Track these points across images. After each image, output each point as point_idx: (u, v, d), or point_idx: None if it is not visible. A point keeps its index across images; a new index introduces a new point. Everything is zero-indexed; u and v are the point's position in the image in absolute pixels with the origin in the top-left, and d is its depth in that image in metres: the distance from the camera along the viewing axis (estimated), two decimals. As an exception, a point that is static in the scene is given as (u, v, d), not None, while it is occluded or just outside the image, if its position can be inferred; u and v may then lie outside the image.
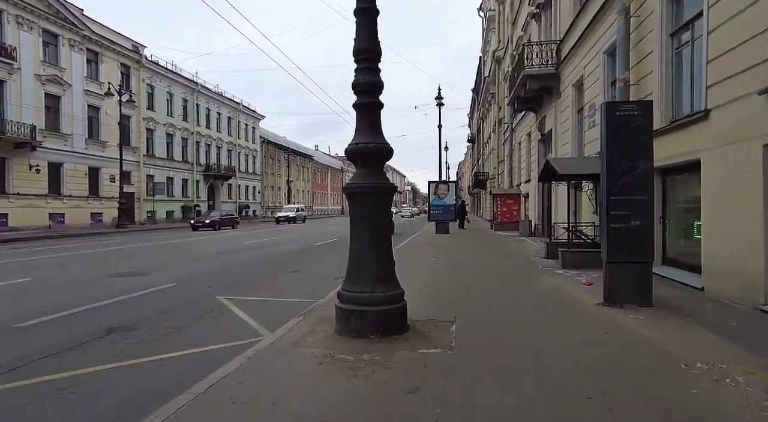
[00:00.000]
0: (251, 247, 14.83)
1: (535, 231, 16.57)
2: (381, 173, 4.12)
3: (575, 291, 6.02)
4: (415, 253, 11.33)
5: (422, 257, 10.45)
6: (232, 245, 15.67)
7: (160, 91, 34.99)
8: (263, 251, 13.55)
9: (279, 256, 12.22)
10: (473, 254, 11.02)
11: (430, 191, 19.33)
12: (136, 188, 32.07)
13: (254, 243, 16.24)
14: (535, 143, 16.75)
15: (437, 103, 26.84)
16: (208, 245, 15.87)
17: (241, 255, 12.35)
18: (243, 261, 10.99)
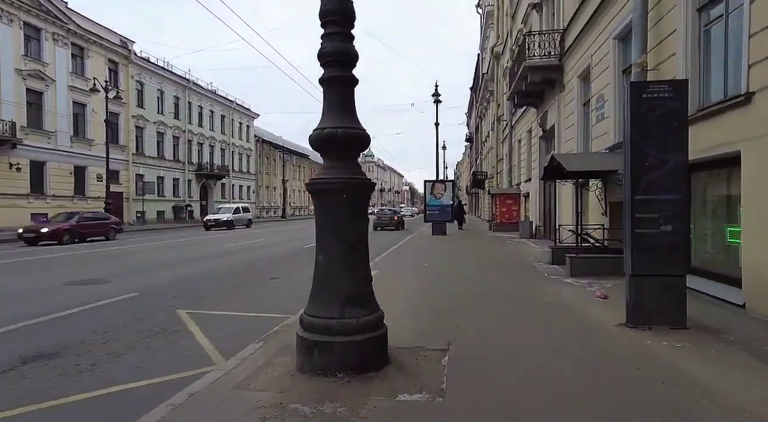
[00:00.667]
0: (237, 250, 13.96)
1: (536, 233, 15.75)
2: (354, 165, 3.27)
3: (590, 306, 5.18)
4: (407, 257, 10.48)
5: (415, 262, 9.61)
6: (217, 247, 14.80)
7: (151, 89, 34.06)
8: (248, 254, 12.69)
9: (263, 260, 11.36)
10: (471, 259, 10.17)
11: (427, 191, 18.49)
12: (125, 188, 31.14)
13: (241, 246, 15.37)
14: (536, 140, 15.93)
15: (434, 100, 26.04)
16: (192, 248, 15.00)
17: (222, 260, 11.49)
18: (221, 266, 10.13)
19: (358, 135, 3.18)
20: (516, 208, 19.76)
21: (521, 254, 10.84)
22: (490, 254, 11.10)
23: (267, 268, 9.82)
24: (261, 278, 8.54)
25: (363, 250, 3.32)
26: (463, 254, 11.19)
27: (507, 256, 10.65)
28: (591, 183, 9.01)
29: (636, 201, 4.06)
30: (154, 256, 12.42)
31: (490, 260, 9.86)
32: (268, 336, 4.23)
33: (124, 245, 16.12)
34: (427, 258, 10.23)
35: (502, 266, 8.93)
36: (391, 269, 8.54)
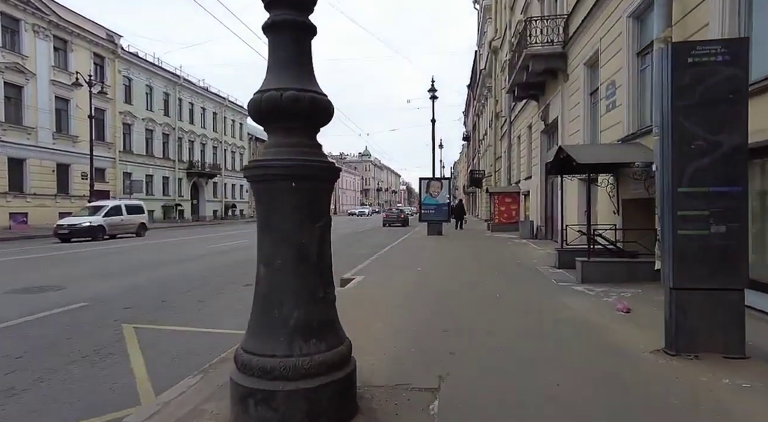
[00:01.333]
0: (216, 252, 13.06)
1: (537, 233, 14.90)
2: (310, 143, 2.38)
3: (612, 324, 4.31)
4: (399, 260, 9.60)
5: (407, 265, 8.73)
6: (195, 250, 13.89)
7: (139, 84, 33.06)
8: (227, 257, 11.79)
9: (240, 264, 10.46)
10: (468, 263, 9.29)
11: (422, 189, 17.62)
12: (112, 187, 30.16)
13: (222, 247, 14.46)
14: (537, 135, 15.08)
15: (430, 96, 25.17)
16: (170, 249, 14.09)
17: (194, 264, 10.59)
18: (192, 271, 9.23)
19: (313, 101, 2.28)
20: (515, 207, 18.92)
21: (523, 257, 9.97)
22: (490, 257, 10.23)
23: (243, 273, 8.93)
24: (234, 284, 7.64)
25: (323, 260, 2.43)
26: (460, 257, 10.32)
27: (508, 259, 9.78)
28: (600, 179, 8.17)
29: (678, 195, 3.19)
30: (125, 258, 11.50)
31: (489, 264, 8.98)
32: (212, 364, 3.34)
33: (136, 241, 15.19)
34: (420, 261, 9.35)
35: (503, 270, 8.05)
36: (378, 274, 7.66)
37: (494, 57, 27.64)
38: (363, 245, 15.19)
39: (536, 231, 14.99)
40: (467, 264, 8.94)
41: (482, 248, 12.31)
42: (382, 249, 12.25)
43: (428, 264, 8.88)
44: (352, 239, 18.31)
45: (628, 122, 7.46)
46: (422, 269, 8.10)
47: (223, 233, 23.19)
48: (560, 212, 11.93)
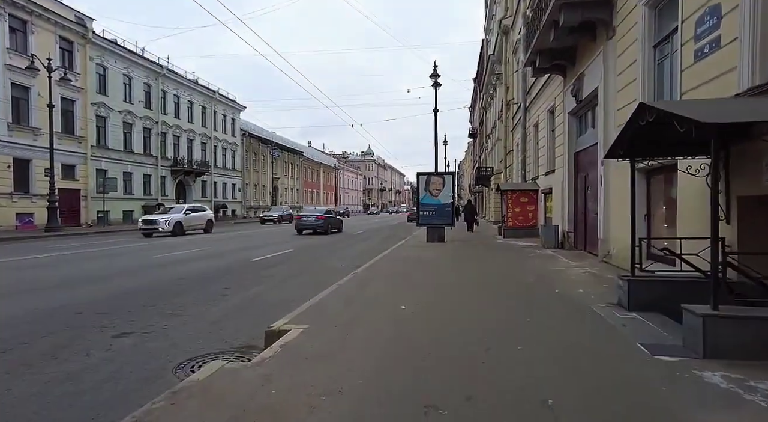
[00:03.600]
0: (170, 262, 10.13)
1: (564, 241, 11.86)
2: None
3: None
4: (376, 288, 6.60)
5: (383, 301, 5.74)
6: (128, 262, 10.96)
7: (115, 74, 30.29)
8: (177, 269, 8.85)
9: (182, 279, 7.52)
10: (478, 296, 6.24)
11: (420, 186, 14.62)
12: (82, 185, 27.42)
13: (169, 258, 11.52)
14: (564, 119, 12.04)
15: (433, 83, 22.17)
16: (128, 257, 11.17)
17: (127, 279, 7.65)
18: (124, 288, 6.29)
19: None
20: (532, 208, 15.88)
21: (560, 281, 6.93)
22: (510, 281, 7.18)
23: (178, 293, 5.98)
24: (155, 309, 4.69)
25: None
26: (465, 280, 7.28)
27: (537, 284, 6.74)
28: (681, 164, 5.16)
29: None
30: (75, 266, 8.60)
31: (511, 296, 5.94)
32: None
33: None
34: (407, 289, 6.36)
35: (537, 312, 5.02)
36: (334, 320, 4.68)
37: (504, 39, 24.60)
38: (343, 255, 12.22)
39: (562, 238, 11.96)
40: (477, 297, 5.91)
41: (496, 264, 9.28)
42: (364, 263, 9.29)
43: (419, 296, 5.87)
44: (336, 246, 15.34)
45: (751, 66, 4.42)
46: (407, 309, 5.10)
47: (199, 237, 20.28)
48: (601, 215, 8.89)
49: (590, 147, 10.31)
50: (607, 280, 6.69)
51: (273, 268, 9.59)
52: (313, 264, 10.35)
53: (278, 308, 5.71)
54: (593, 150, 10.00)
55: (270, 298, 6.54)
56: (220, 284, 7.64)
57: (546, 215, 14.74)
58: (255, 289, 7.24)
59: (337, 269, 9.32)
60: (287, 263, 10.58)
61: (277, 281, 8.02)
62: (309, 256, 12.04)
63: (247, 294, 6.82)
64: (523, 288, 6.36)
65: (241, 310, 5.83)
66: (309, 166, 69.50)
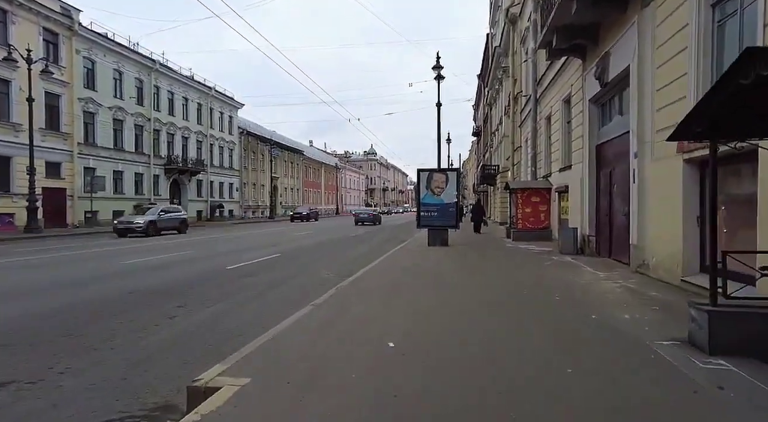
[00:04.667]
0: (132, 270, 8.79)
1: (584, 246, 10.44)
2: None
3: None
4: (358, 312, 5.22)
5: (373, 323, 4.37)
6: (109, 265, 9.62)
7: (105, 68, 29.03)
8: (135, 280, 7.50)
9: (134, 293, 6.17)
10: (491, 317, 4.85)
11: (420, 184, 13.22)
12: (68, 184, 26.17)
13: (152, 262, 10.17)
14: (583, 107, 10.63)
15: (435, 76, 20.82)
16: (92, 263, 9.84)
17: (65, 294, 6.31)
18: (53, 305, 4.95)
19: None
20: (545, 208, 14.46)
21: (593, 300, 5.51)
22: (530, 300, 5.75)
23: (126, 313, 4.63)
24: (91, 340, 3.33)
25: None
26: (474, 301, 5.84)
27: (567, 306, 5.32)
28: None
29: None
30: (36, 273, 7.29)
31: (536, 324, 4.54)
32: None
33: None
34: (400, 313, 4.97)
35: (574, 353, 3.62)
36: (292, 369, 3.31)
37: (511, 28, 23.18)
38: (333, 262, 10.85)
39: (582, 243, 10.54)
40: (490, 326, 4.49)
41: (509, 275, 7.85)
42: (354, 273, 7.93)
43: (414, 324, 4.48)
44: (329, 250, 13.98)
45: None
46: (396, 347, 3.71)
47: (182, 239, 18.96)
48: (633, 216, 7.48)
49: (617, 138, 8.90)
50: (654, 300, 5.29)
51: (248, 278, 8.24)
52: (296, 273, 8.99)
53: (229, 340, 4.37)
54: (621, 141, 8.59)
55: (225, 324, 5.18)
56: (176, 300, 6.28)
57: (561, 217, 13.32)
58: (213, 308, 5.88)
59: (322, 279, 7.96)
60: (267, 271, 9.23)
61: (245, 297, 6.66)
62: (295, 262, 10.69)
63: (199, 317, 5.46)
64: (549, 312, 4.96)
65: (180, 343, 4.47)
66: (310, 165, 68.19)
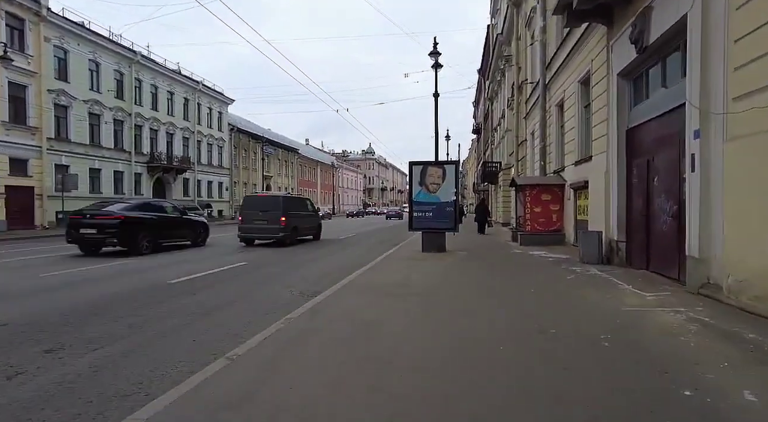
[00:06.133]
0: (44, 288, 6.86)
1: (613, 254, 8.51)
2: None
3: None
4: (304, 366, 3.33)
5: (314, 409, 2.47)
6: (21, 281, 7.69)
7: (79, 59, 27.09)
8: (26, 302, 5.58)
9: (7, 325, 4.27)
10: (509, 388, 2.96)
11: (414, 180, 11.30)
12: (37, 182, 24.27)
13: (84, 273, 8.23)
14: (610, 84, 8.71)
15: (433, 64, 18.96)
16: (13, 274, 7.92)
17: None
18: None
19: None
20: (557, 207, 12.53)
21: (662, 350, 3.58)
22: (564, 346, 3.83)
23: None
24: None
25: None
26: (482, 350, 3.89)
27: (621, 358, 3.40)
28: None
29: None
30: None
31: (592, 406, 2.63)
32: None
33: None
34: (364, 380, 3.06)
35: None
36: None
37: (515, 12, 21.29)
38: (305, 274, 8.91)
39: (608, 250, 8.62)
40: (515, 413, 2.62)
41: (525, 298, 5.88)
42: (319, 293, 6.04)
43: (385, 410, 2.57)
44: (303, 258, 12.05)
45: None
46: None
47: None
48: (689, 218, 5.56)
49: (658, 118, 6.99)
50: (760, 348, 3.38)
51: (185, 298, 6.32)
52: (251, 290, 7.06)
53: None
54: (665, 121, 6.68)
55: (100, 381, 3.29)
56: (52, 339, 4.38)
57: (577, 217, 11.40)
58: (100, 352, 3.99)
59: (276, 303, 6.05)
60: (217, 286, 7.31)
61: (161, 330, 4.75)
62: (257, 274, 8.76)
63: (65, 370, 3.56)
64: (601, 371, 3.05)
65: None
66: (305, 164, 66.26)
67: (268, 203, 15.14)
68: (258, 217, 14.53)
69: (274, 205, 14.81)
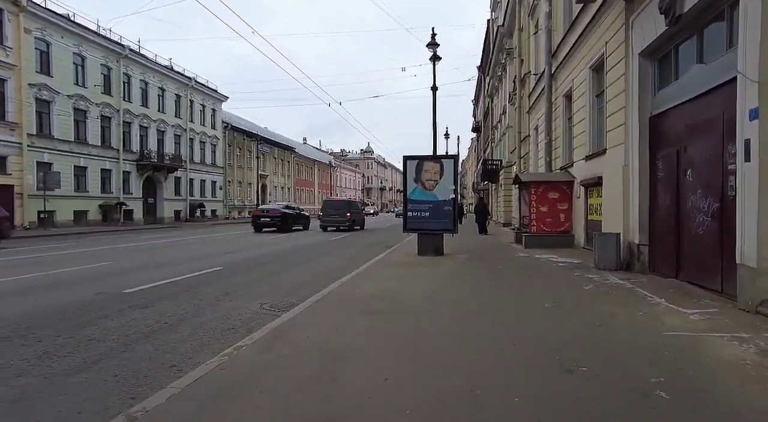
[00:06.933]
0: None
1: (634, 259, 7.47)
2: None
3: None
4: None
5: None
6: None
7: (62, 52, 26.01)
8: None
9: None
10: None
11: (408, 176, 10.24)
12: (17, 180, 23.19)
13: (28, 281, 7.17)
14: (629, 66, 7.67)
15: (431, 57, 17.96)
16: None
17: None
18: None
19: None
20: (565, 206, 11.48)
21: (736, 410, 2.55)
22: (597, 394, 2.82)
23: None
24: None
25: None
26: (480, 410, 2.91)
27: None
28: None
29: None
30: None
31: None
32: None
33: None
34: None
35: None
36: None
37: (518, 1, 20.24)
38: (283, 282, 7.84)
39: (628, 255, 7.57)
40: None
41: (543, 322, 4.80)
42: (290, 309, 5.00)
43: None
44: (287, 260, 11.01)
45: None
46: None
47: (122, 244, 15.93)
48: (739, 218, 4.51)
49: (692, 100, 5.94)
50: None
51: (134, 313, 5.28)
52: (214, 303, 6.00)
53: None
54: (702, 103, 5.65)
55: None
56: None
57: (588, 217, 10.36)
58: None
59: (238, 319, 5.01)
60: (179, 296, 6.26)
61: (71, 364, 3.69)
62: (229, 282, 7.69)
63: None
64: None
65: None
66: (302, 163, 65.18)
67: (339, 204, 24.65)
68: (332, 213, 23.37)
69: (342, 206, 24.30)
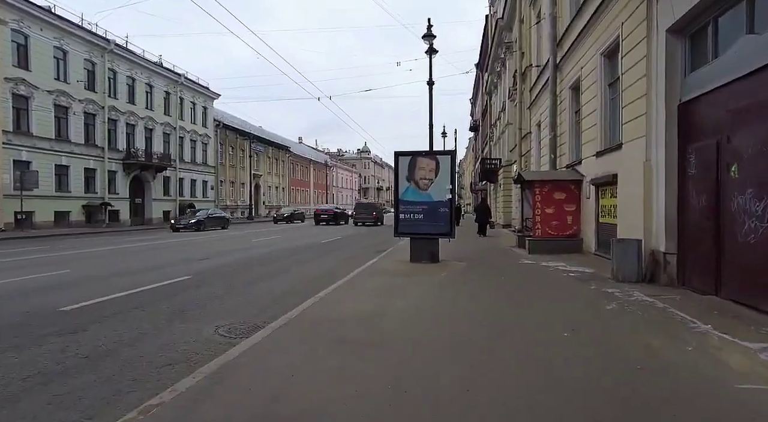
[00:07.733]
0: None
1: (659, 270, 6.44)
2: None
3: None
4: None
5: None
6: None
7: (42, 46, 24.83)
8: None
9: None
10: None
11: (400, 174, 9.19)
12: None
13: None
14: (651, 48, 6.65)
15: (426, 50, 17.08)
16: None
17: None
18: None
19: None
20: (572, 208, 10.45)
21: None
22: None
23: None
24: None
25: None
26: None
27: None
28: None
29: None
30: None
31: None
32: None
33: None
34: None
35: None
36: None
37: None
38: (254, 296, 6.78)
39: (651, 264, 6.54)
40: None
41: (566, 359, 3.73)
42: (254, 333, 3.95)
43: None
44: (265, 268, 9.94)
45: None
46: None
47: (104, 246, 14.82)
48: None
49: (741, 79, 4.90)
50: None
51: (49, 341, 4.24)
52: (162, 327, 4.93)
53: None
54: (755, 82, 4.61)
55: None
56: None
57: (599, 220, 9.33)
58: None
59: (183, 350, 3.95)
60: (124, 316, 5.20)
61: None
62: (194, 294, 6.64)
63: None
64: None
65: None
66: (297, 163, 64.04)
67: (368, 205, 36.60)
68: (362, 212, 32.51)
69: (371, 207, 35.19)
